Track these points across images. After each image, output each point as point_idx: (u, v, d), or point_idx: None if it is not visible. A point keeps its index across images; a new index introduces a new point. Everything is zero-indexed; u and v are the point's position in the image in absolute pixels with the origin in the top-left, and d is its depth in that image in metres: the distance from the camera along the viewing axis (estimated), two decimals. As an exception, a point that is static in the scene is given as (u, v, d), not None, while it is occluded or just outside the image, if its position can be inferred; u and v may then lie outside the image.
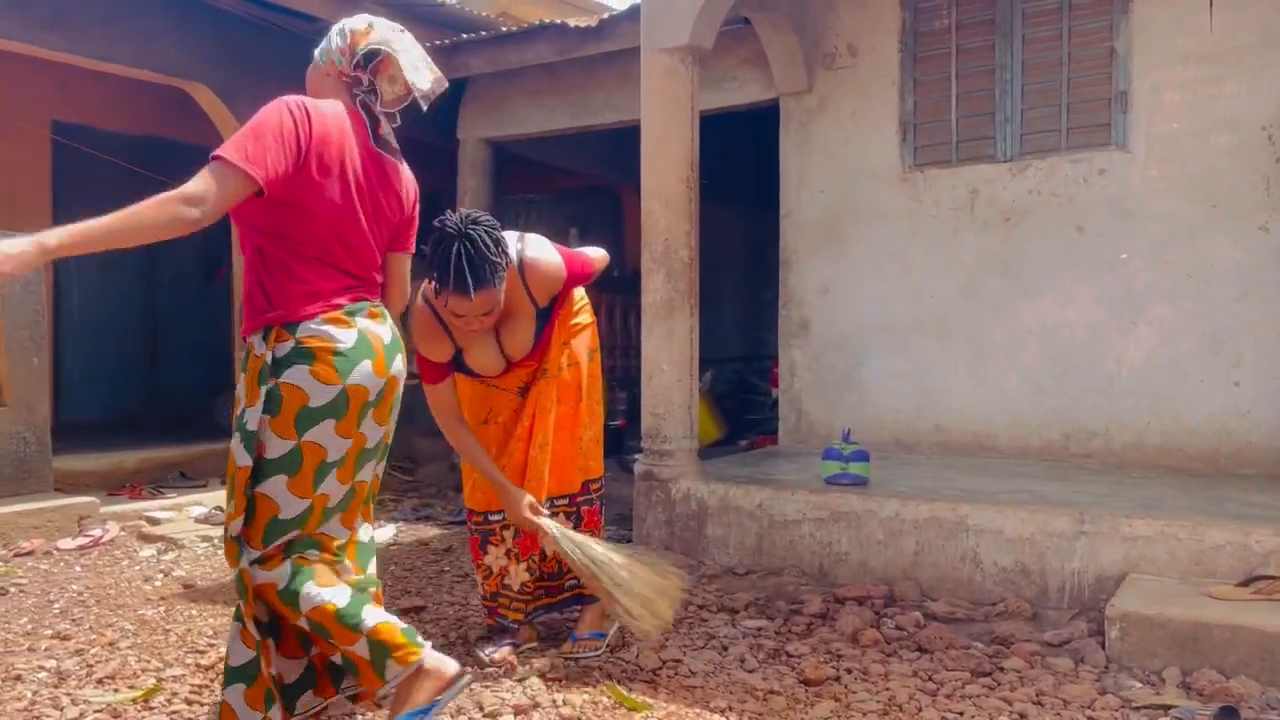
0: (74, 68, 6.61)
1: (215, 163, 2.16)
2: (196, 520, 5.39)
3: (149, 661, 3.22)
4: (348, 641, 2.28)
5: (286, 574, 2.29)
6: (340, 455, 2.31)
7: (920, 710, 2.86)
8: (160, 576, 4.43)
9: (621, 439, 7.25)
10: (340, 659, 2.34)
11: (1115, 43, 5.15)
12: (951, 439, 5.60)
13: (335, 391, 2.25)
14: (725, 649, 3.38)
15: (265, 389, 2.24)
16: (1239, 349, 4.91)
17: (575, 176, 9.73)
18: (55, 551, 4.81)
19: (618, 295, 9.08)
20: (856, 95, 5.90)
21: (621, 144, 8.28)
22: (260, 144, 2.19)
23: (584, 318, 3.26)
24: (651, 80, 4.70)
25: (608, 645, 3.27)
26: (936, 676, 3.11)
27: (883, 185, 5.82)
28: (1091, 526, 3.74)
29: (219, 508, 5.51)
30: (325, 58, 2.47)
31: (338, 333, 2.28)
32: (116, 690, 2.98)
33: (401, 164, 2.55)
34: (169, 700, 2.89)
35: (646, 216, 4.70)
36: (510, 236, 2.98)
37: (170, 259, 8.38)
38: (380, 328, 2.37)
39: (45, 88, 7.40)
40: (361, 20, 2.46)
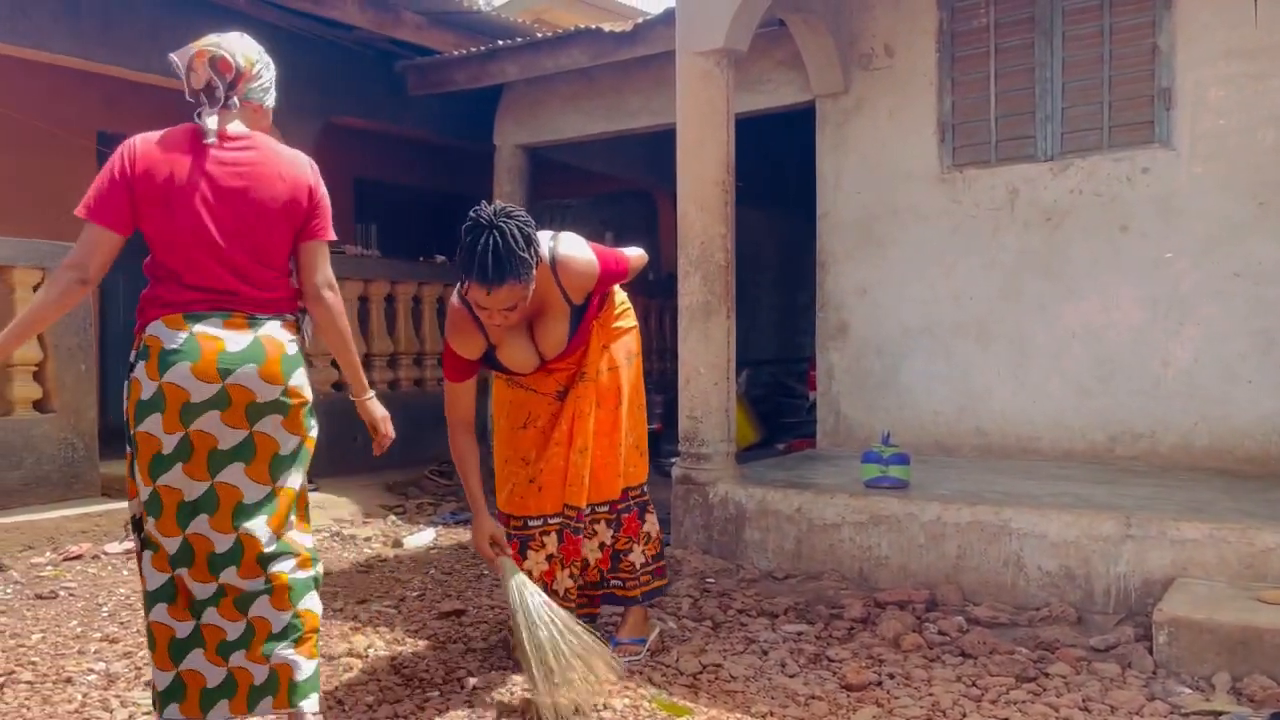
0: (119, 80, 6.73)
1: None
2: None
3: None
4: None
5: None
6: (175, 449, 2.39)
7: (964, 716, 2.83)
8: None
9: (658, 443, 7.25)
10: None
11: (1158, 39, 5.08)
12: (993, 442, 5.54)
13: (155, 387, 2.39)
14: (765, 653, 3.36)
15: (125, 383, 2.48)
16: (1289, 349, 4.81)
17: (610, 180, 9.76)
18: (103, 555, 4.89)
19: (654, 298, 9.09)
20: (893, 96, 5.87)
21: (656, 147, 8.28)
22: (97, 192, 2.41)
23: (626, 321, 3.24)
24: (687, 84, 4.70)
25: (648, 650, 3.27)
26: (980, 682, 3.07)
27: (921, 186, 5.78)
28: (1138, 530, 3.68)
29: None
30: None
31: (168, 333, 2.41)
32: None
33: (273, 155, 2.53)
34: (215, 702, 2.92)
35: (682, 220, 4.70)
36: (544, 235, 2.95)
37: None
38: (229, 334, 2.42)
39: (91, 99, 7.54)
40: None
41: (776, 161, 8.44)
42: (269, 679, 2.42)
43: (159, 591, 2.42)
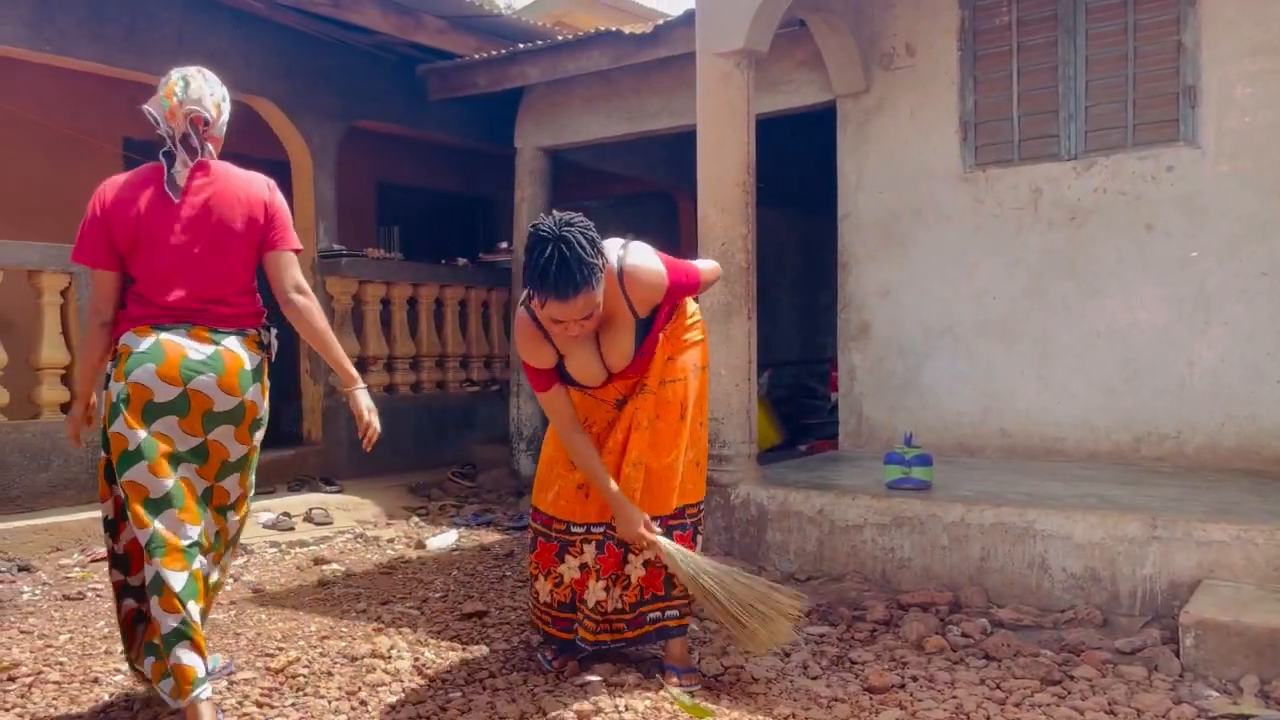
0: (144, 85, 6.78)
1: None
2: (264, 526, 5.50)
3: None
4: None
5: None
6: (139, 447, 2.61)
7: (988, 719, 2.81)
8: (230, 581, 4.52)
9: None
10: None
11: (1182, 36, 5.03)
12: (1017, 443, 5.50)
13: (122, 388, 2.63)
14: (787, 655, 3.36)
15: (101, 394, 2.82)
16: (1317, 348, 4.76)
17: (631, 182, 9.76)
18: (130, 557, 4.94)
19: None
20: (915, 95, 5.84)
21: (677, 148, 8.27)
22: (80, 238, 2.76)
23: (696, 334, 3.11)
24: (707, 85, 4.69)
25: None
26: (1004, 685, 3.05)
27: (943, 186, 5.75)
28: (1164, 531, 3.64)
29: (286, 513, 5.62)
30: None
31: (135, 339, 2.68)
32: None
33: (229, 182, 2.82)
34: (240, 703, 2.95)
35: (703, 221, 4.70)
36: (613, 243, 2.90)
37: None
38: (192, 344, 2.68)
39: (117, 105, 7.60)
40: None
41: (797, 162, 8.41)
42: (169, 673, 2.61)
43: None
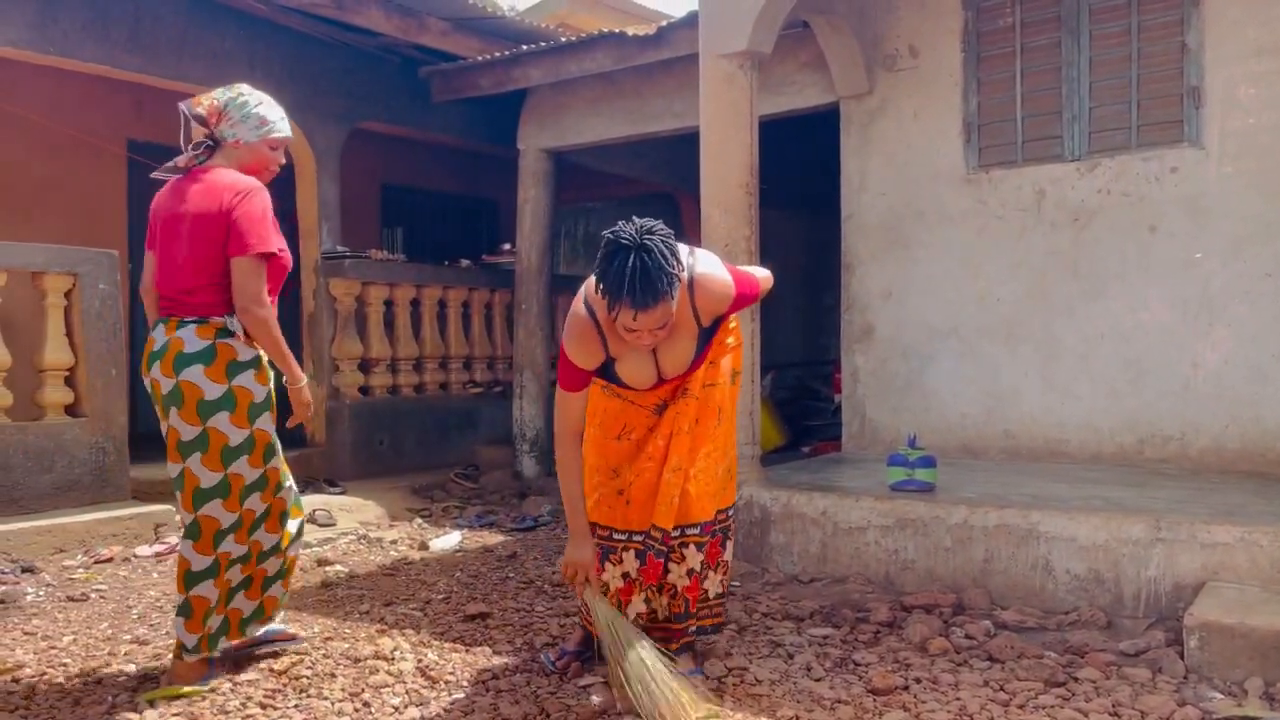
0: (149, 87, 6.81)
1: None
2: (268, 527, 5.50)
3: (223, 665, 3.28)
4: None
5: None
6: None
7: (992, 721, 2.80)
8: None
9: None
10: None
11: (1186, 37, 5.02)
12: (1021, 444, 5.50)
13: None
14: (791, 657, 3.35)
15: None
16: (1322, 349, 4.74)
17: (634, 183, 9.77)
18: (133, 558, 4.95)
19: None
20: (918, 96, 5.84)
21: (680, 150, 8.27)
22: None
23: (732, 339, 3.12)
24: (710, 86, 4.69)
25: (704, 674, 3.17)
26: (1008, 686, 3.05)
27: (947, 187, 5.75)
28: (1168, 533, 3.64)
29: (289, 515, 5.61)
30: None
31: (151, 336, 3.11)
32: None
33: (212, 184, 3.04)
34: (243, 705, 2.95)
35: (706, 222, 4.69)
36: (680, 250, 2.82)
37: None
38: (159, 334, 3.04)
39: (122, 107, 7.63)
40: None
41: (801, 163, 8.41)
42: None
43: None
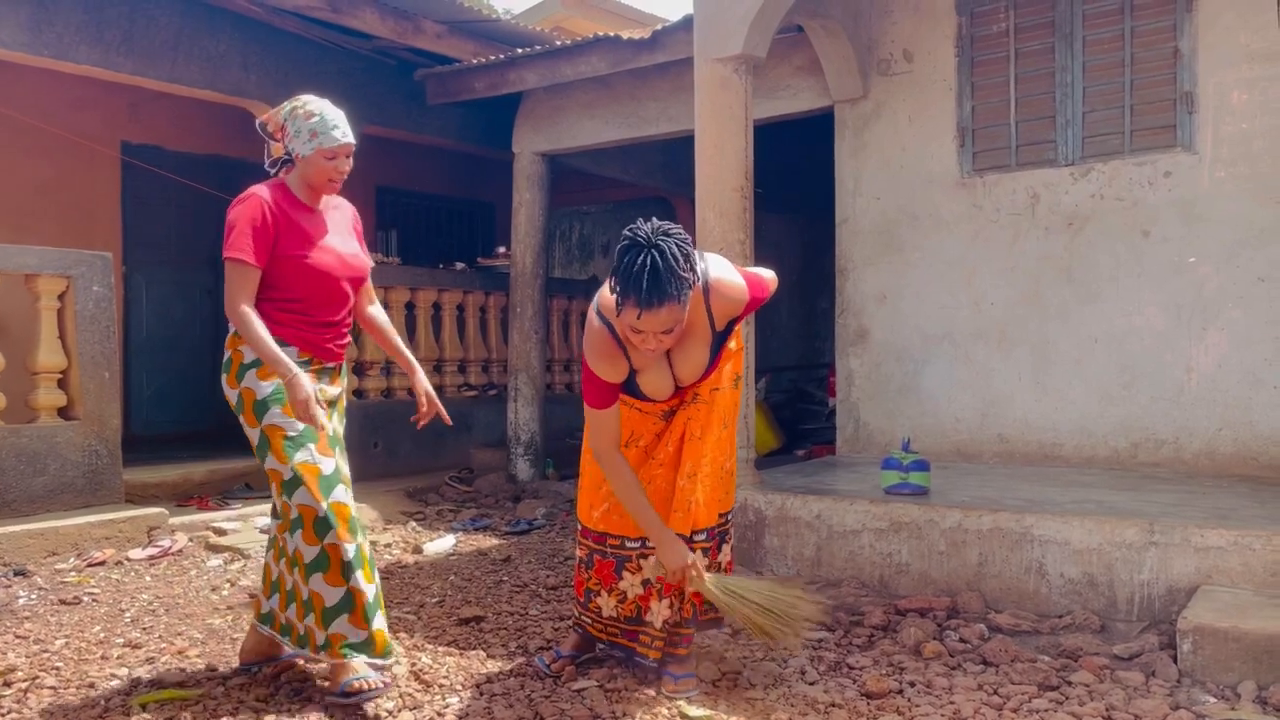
0: (143, 90, 6.80)
1: None
2: (262, 530, 5.49)
3: (216, 670, 3.28)
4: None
5: None
6: None
7: (986, 724, 2.80)
8: (227, 586, 4.52)
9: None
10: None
11: (1179, 42, 5.04)
12: (1015, 448, 5.51)
13: None
14: (785, 661, 3.35)
15: None
16: (1315, 354, 4.76)
17: (629, 187, 9.78)
18: (126, 561, 4.94)
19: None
20: (913, 101, 5.85)
21: (675, 153, 8.29)
22: None
23: (734, 343, 3.11)
24: (705, 90, 4.70)
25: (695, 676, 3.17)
26: (1002, 690, 3.05)
27: (941, 191, 5.76)
28: (1162, 537, 3.64)
29: (283, 518, 5.61)
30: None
31: None
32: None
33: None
34: (236, 708, 2.94)
35: (701, 226, 4.70)
36: (694, 256, 2.79)
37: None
38: None
39: (116, 109, 7.62)
40: None
41: (796, 167, 8.43)
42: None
43: None
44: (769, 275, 3.16)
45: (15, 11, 5.59)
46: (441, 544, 5.36)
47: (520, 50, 7.11)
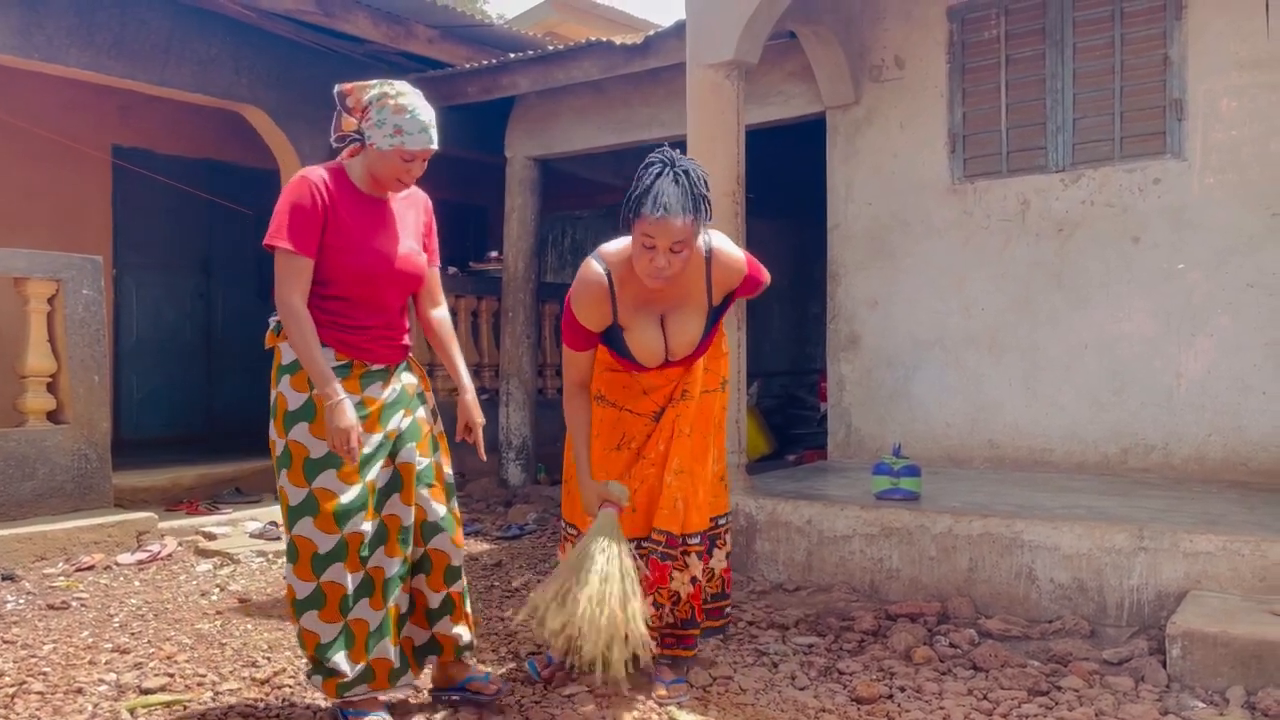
0: (134, 93, 6.79)
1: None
2: (252, 535, 5.47)
3: (205, 675, 3.27)
4: None
5: None
6: None
7: (975, 730, 2.81)
8: (216, 591, 4.50)
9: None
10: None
11: (1169, 50, 5.07)
12: (1005, 454, 5.52)
13: None
14: (776, 666, 3.35)
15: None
16: (1303, 360, 4.78)
17: (621, 191, 9.73)
18: (115, 566, 4.91)
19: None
20: (904, 107, 5.87)
21: (668, 159, 8.24)
22: None
23: (724, 345, 3.18)
24: (697, 96, 4.71)
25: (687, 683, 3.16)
26: (992, 695, 3.05)
27: (932, 197, 5.78)
28: (1151, 542, 3.66)
29: (274, 523, 5.59)
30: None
31: None
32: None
33: None
34: (225, 714, 2.93)
35: (693, 231, 4.69)
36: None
37: (226, 279, 8.55)
38: None
39: (107, 113, 7.60)
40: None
41: (787, 173, 8.44)
42: None
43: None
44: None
45: (5, 14, 5.57)
46: (432, 549, 5.34)
47: (513, 55, 7.12)
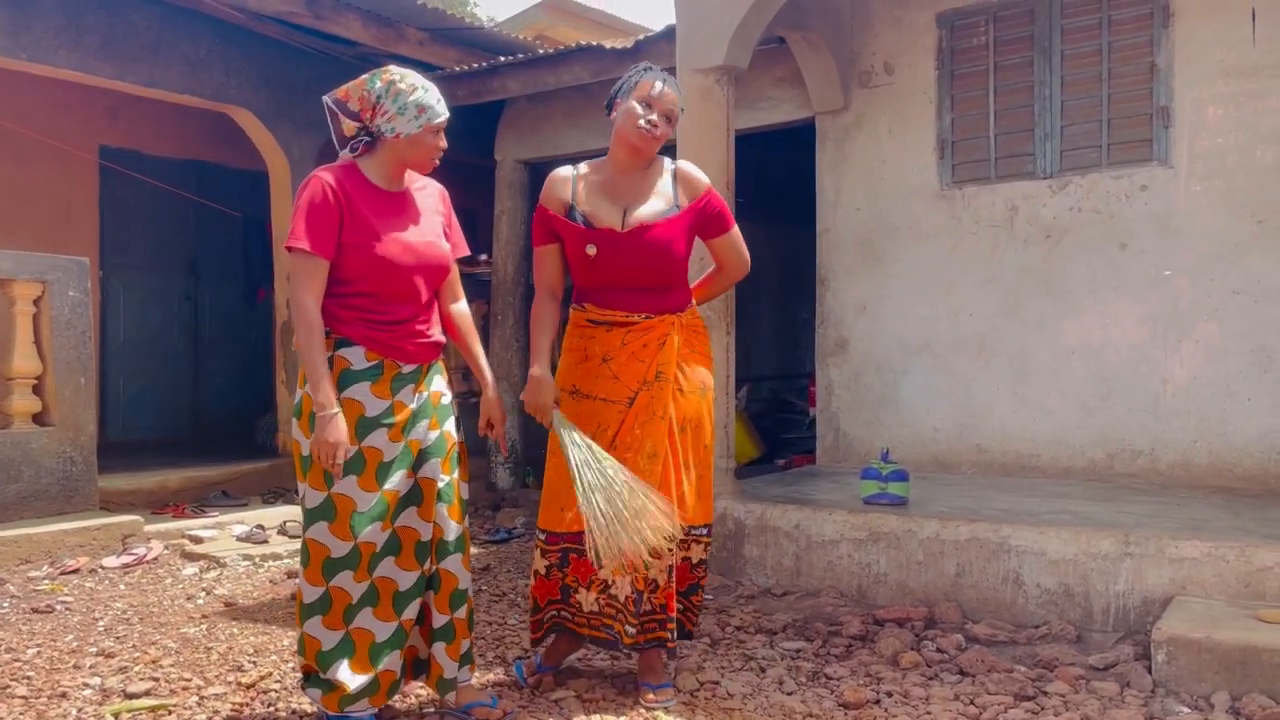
0: (122, 94, 6.76)
1: None
2: (238, 539, 5.45)
3: (190, 680, 3.25)
4: None
5: None
6: None
7: (962, 735, 2.81)
8: (202, 595, 4.48)
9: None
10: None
11: (1156, 58, 5.10)
12: (993, 459, 5.54)
13: None
14: (763, 670, 3.35)
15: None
16: (1288, 367, 4.81)
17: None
18: (100, 569, 4.89)
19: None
20: (893, 113, 5.89)
21: (658, 164, 8.24)
22: None
23: (706, 348, 3.20)
24: (687, 100, 4.68)
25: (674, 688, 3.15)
26: (978, 700, 3.06)
27: (921, 203, 5.79)
28: (1137, 548, 3.67)
29: (260, 526, 5.57)
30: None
31: None
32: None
33: None
34: (210, 718, 2.92)
35: (682, 236, 4.70)
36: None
37: (213, 281, 8.52)
38: None
39: (94, 113, 7.57)
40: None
41: (777, 178, 8.46)
42: None
43: None
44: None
45: (-7, 15, 5.55)
46: (420, 552, 5.33)
47: (503, 58, 7.12)
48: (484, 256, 8.45)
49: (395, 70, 2.74)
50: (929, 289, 5.76)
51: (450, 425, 2.88)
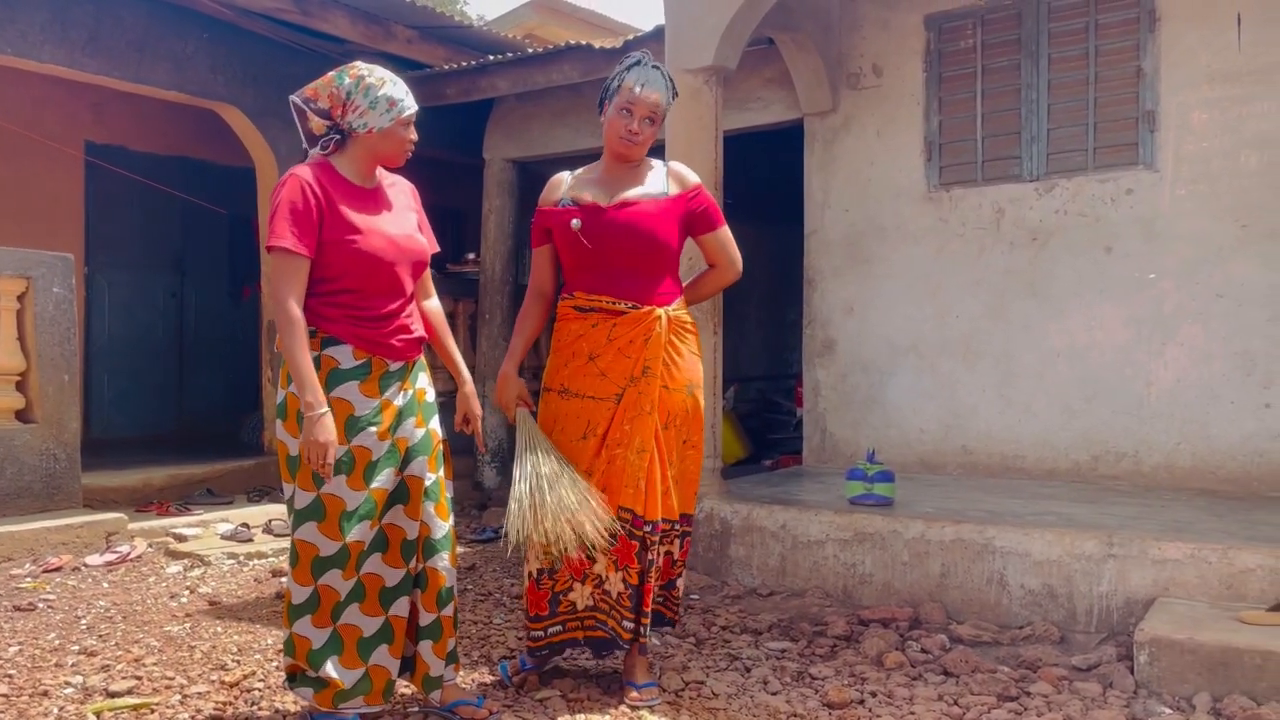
0: (108, 90, 6.72)
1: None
2: (223, 537, 5.42)
3: (173, 678, 3.24)
4: None
5: None
6: None
7: (945, 735, 2.82)
8: (186, 593, 4.46)
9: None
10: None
11: (1142, 62, 5.13)
12: (978, 460, 5.56)
13: None
14: (748, 671, 3.36)
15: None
16: (1271, 371, 4.84)
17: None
18: (83, 568, 4.86)
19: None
20: (881, 115, 5.90)
21: (646, 164, 8.24)
22: None
23: (694, 345, 3.21)
24: (676, 100, 4.70)
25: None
26: (962, 700, 3.07)
27: (908, 205, 5.81)
28: (1120, 549, 3.69)
29: (245, 524, 5.55)
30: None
31: None
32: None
33: None
34: (193, 717, 2.91)
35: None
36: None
37: (199, 278, 8.49)
38: None
39: (80, 110, 7.53)
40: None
41: (765, 178, 8.47)
42: None
43: None
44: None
45: (-22, 9, 5.51)
46: (406, 552, 5.31)
47: (492, 57, 7.11)
48: (471, 255, 8.44)
49: (362, 66, 2.75)
50: (916, 290, 5.77)
51: (435, 423, 2.88)
